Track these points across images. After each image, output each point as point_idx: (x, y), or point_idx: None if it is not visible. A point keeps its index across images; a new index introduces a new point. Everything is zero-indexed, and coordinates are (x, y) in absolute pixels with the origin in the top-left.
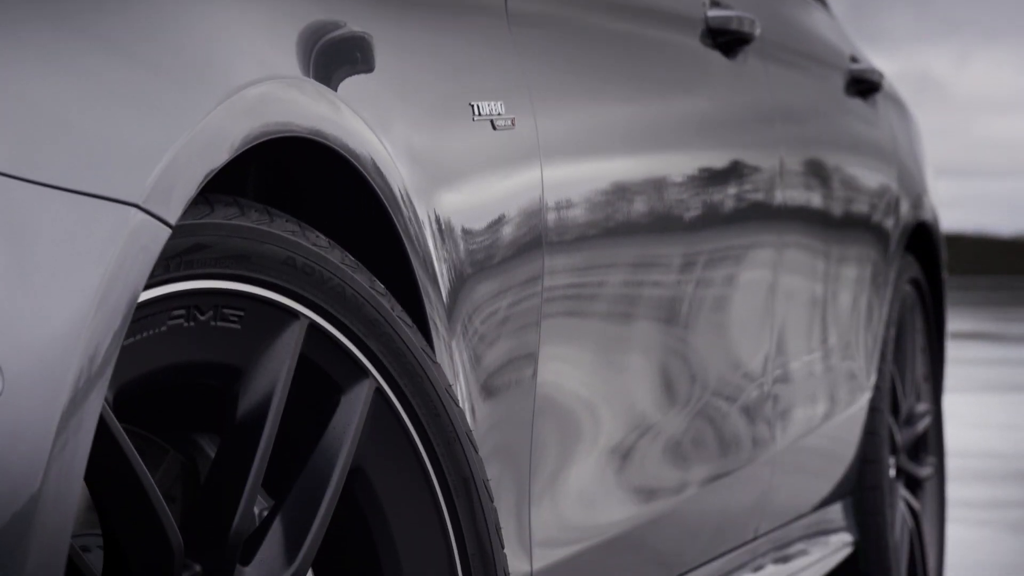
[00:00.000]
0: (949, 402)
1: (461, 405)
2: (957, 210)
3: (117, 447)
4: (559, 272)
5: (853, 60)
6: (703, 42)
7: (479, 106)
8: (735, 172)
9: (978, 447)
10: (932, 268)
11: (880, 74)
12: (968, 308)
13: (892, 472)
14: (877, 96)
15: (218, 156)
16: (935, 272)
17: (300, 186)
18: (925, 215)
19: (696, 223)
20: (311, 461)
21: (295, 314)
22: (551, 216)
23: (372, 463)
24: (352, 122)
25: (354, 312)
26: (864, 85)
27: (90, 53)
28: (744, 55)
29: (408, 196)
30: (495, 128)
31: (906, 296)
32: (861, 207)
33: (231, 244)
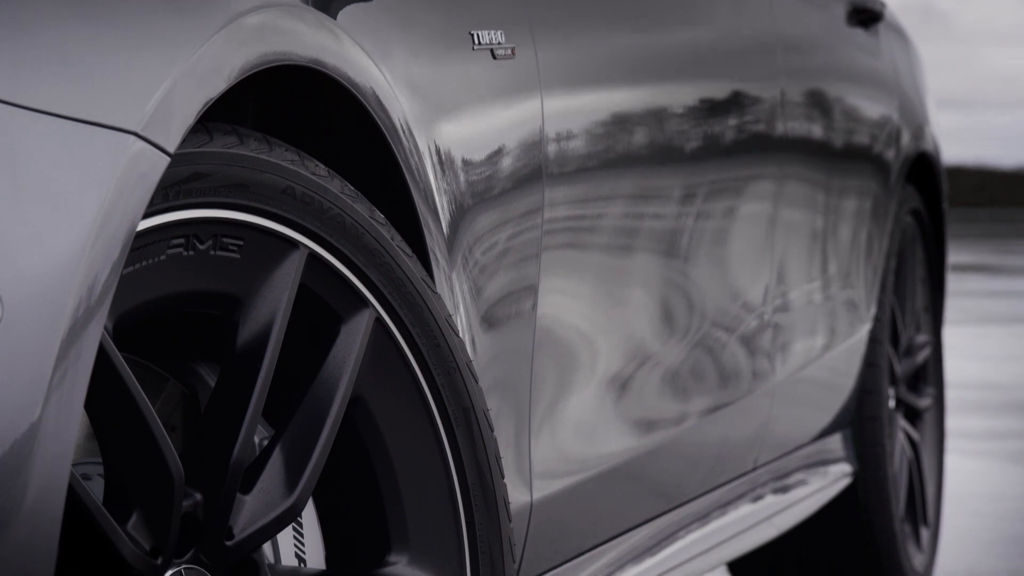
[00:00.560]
0: (948, 334)
1: (461, 336)
2: (959, 142)
3: (117, 376)
4: (559, 204)
5: None
6: None
7: (479, 35)
8: (736, 103)
9: (977, 378)
10: (933, 199)
11: (882, 3)
12: (968, 240)
13: (891, 403)
14: (879, 26)
15: (217, 84)
16: (936, 203)
17: (300, 116)
18: (926, 146)
19: (697, 154)
20: (311, 391)
21: (295, 243)
22: (551, 147)
23: (372, 393)
24: (352, 51)
25: (354, 242)
26: (866, 15)
27: None
28: None
29: (408, 127)
30: (495, 57)
31: (907, 227)
32: (862, 138)
33: (230, 173)
